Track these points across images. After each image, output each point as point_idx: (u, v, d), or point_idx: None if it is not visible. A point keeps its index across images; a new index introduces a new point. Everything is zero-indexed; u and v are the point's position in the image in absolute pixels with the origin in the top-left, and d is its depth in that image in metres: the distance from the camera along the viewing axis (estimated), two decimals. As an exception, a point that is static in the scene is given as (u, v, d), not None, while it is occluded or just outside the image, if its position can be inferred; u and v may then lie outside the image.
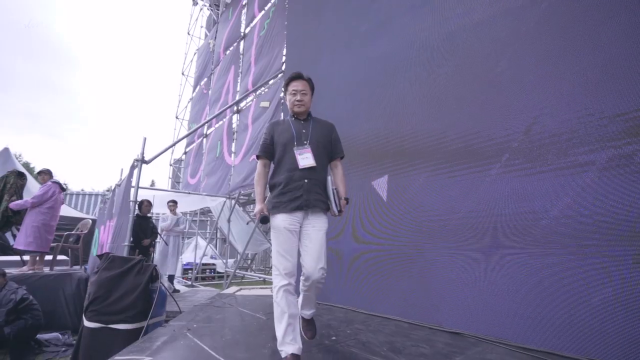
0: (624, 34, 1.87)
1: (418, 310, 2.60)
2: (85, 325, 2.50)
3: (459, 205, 2.50)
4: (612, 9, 1.94)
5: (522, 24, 2.34)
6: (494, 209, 2.29)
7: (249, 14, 7.53)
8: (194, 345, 1.98)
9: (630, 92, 1.81)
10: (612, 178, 1.83)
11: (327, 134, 1.99)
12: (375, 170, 3.22)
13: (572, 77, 2.04)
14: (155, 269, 2.72)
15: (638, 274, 1.68)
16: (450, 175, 2.59)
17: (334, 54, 4.07)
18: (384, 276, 2.93)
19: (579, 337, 1.82)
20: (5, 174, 4.68)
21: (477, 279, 2.30)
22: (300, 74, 1.96)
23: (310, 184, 1.81)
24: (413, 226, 2.79)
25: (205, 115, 8.88)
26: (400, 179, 2.97)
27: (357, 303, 3.08)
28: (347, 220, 3.37)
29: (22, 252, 4.63)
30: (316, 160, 1.84)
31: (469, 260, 2.36)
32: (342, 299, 3.23)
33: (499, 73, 2.42)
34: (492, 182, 2.33)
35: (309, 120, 1.98)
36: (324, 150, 1.93)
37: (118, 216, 3.97)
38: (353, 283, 3.18)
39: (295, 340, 1.67)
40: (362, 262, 3.14)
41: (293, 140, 1.87)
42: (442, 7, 2.90)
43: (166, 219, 5.85)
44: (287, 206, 1.77)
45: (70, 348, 3.66)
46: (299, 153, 1.83)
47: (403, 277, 2.77)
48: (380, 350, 1.93)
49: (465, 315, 2.32)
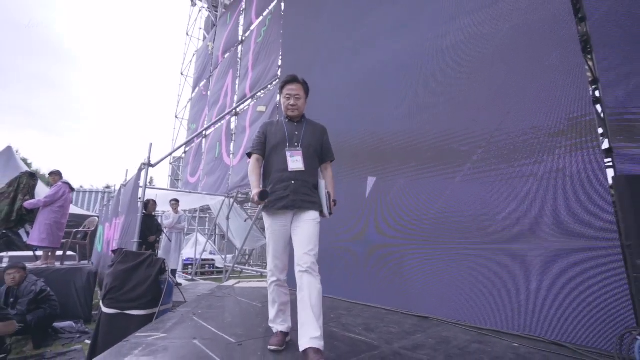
0: (558, 66, 2.24)
1: (393, 298, 2.98)
2: (104, 312, 2.86)
3: (429, 206, 2.87)
4: (550, 45, 2.30)
5: (482, 51, 2.70)
6: (457, 211, 2.67)
7: (246, 20, 7.84)
8: (200, 325, 2.34)
9: (559, 114, 2.19)
10: (547, 187, 2.21)
11: (318, 137, 2.04)
12: (361, 172, 3.58)
13: (517, 99, 2.41)
14: (163, 263, 3.08)
15: (564, 265, 2.06)
16: (420, 178, 2.96)
17: (325, 65, 4.42)
18: (365, 268, 3.30)
19: (519, 317, 2.20)
20: (18, 175, 4.99)
21: (442, 271, 2.67)
22: (295, 77, 2.03)
23: (298, 185, 1.86)
24: (395, 225, 3.16)
25: (205, 116, 9.20)
26: (382, 182, 3.33)
27: (342, 293, 3.45)
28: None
29: (35, 248, 4.96)
30: (306, 162, 1.91)
31: (436, 255, 2.74)
32: (329, 290, 3.61)
33: (461, 91, 2.78)
34: (460, 186, 2.70)
35: (302, 123, 2.04)
36: (315, 153, 2.00)
37: (126, 214, 4.32)
38: (340, 275, 3.55)
39: (285, 321, 1.94)
40: (349, 257, 3.52)
41: (285, 142, 1.93)
42: (418, 30, 3.25)
43: (169, 217, 6.21)
44: (274, 205, 1.85)
45: (84, 335, 4.03)
46: (289, 155, 1.90)
47: (381, 270, 3.15)
48: (356, 329, 2.31)
49: (433, 302, 2.70)
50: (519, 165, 2.37)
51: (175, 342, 1.95)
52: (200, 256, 8.47)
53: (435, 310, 2.66)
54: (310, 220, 1.84)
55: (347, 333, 2.21)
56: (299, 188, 1.86)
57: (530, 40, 2.43)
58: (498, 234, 2.40)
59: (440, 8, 3.11)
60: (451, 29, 2.98)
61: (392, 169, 3.26)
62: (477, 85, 2.71)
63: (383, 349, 1.91)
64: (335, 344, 1.96)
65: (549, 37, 2.32)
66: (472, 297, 2.46)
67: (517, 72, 2.47)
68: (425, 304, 2.75)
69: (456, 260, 2.61)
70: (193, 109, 10.87)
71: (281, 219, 1.89)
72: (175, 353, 1.78)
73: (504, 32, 2.60)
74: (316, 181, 1.97)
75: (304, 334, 1.62)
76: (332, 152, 2.13)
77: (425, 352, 1.85)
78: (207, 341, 1.97)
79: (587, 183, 2.06)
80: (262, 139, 2.02)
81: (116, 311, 2.82)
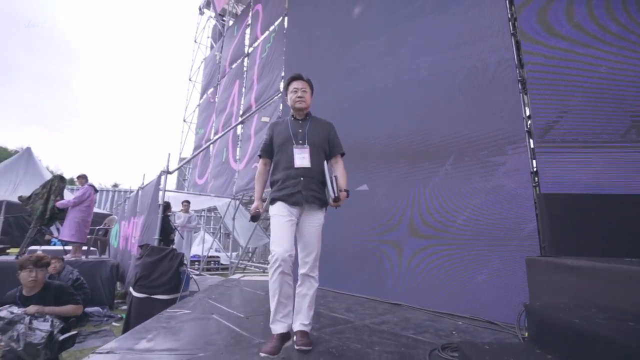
0: (504, 102, 2.83)
1: (373, 289, 3.57)
2: (134, 296, 3.48)
3: (403, 211, 3.46)
4: (496, 85, 2.89)
5: (447, 85, 3.28)
6: (428, 215, 3.26)
7: (252, 35, 8.45)
8: (215, 305, 2.95)
9: (502, 142, 2.77)
10: (491, 200, 2.79)
11: (324, 133, 2.07)
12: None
13: (474, 130, 3.00)
14: (183, 256, 3.69)
15: (501, 262, 2.64)
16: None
17: (324, 84, 5.00)
18: (354, 263, 3.90)
19: (467, 302, 2.78)
20: (50, 178, 5.65)
21: (414, 265, 3.26)
22: (300, 75, 2.09)
23: (307, 181, 1.92)
24: (375, 224, 3.75)
25: (212, 122, 9.83)
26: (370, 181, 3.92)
27: (331, 284, 4.04)
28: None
29: (65, 243, 5.60)
30: (312, 159, 1.94)
31: (408, 252, 3.33)
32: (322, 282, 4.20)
33: (436, 114, 3.37)
34: (429, 197, 3.29)
35: (307, 120, 2.08)
36: (321, 149, 2.03)
37: (147, 215, 4.95)
38: (333, 268, 4.14)
39: (286, 317, 1.82)
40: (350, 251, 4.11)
41: (290, 140, 1.98)
42: (399, 62, 3.84)
43: (180, 217, 6.84)
44: (286, 200, 1.90)
45: (110, 318, 4.67)
46: (297, 152, 1.94)
47: (366, 264, 3.74)
48: (339, 310, 2.90)
49: (404, 291, 3.28)
50: (472, 182, 2.95)
51: (199, 316, 2.56)
52: (207, 253, 9.09)
53: (406, 299, 3.25)
54: (316, 226, 1.93)
55: (331, 313, 2.81)
56: (308, 184, 1.92)
57: (483, 78, 3.01)
58: (456, 236, 2.99)
59: (417, 45, 3.69)
60: (425, 64, 3.57)
61: (375, 174, 3.85)
62: (443, 112, 3.29)
63: (356, 323, 2.50)
64: (320, 319, 2.56)
65: (498, 77, 2.90)
66: (434, 288, 3.05)
67: (472, 106, 3.05)
68: (399, 294, 3.33)
69: (422, 256, 3.19)
70: (201, 114, 11.49)
71: (292, 210, 1.90)
72: (201, 322, 2.39)
73: (465, 71, 3.18)
74: (323, 177, 1.97)
75: (297, 320, 1.87)
76: (340, 146, 2.13)
77: (388, 326, 2.44)
78: (222, 316, 2.58)
79: (520, 198, 2.64)
80: (268, 141, 2.09)
81: (145, 295, 3.44)
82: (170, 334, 2.10)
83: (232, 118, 8.34)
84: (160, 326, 2.26)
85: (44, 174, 11.32)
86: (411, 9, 3.84)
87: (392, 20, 4.06)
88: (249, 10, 8.94)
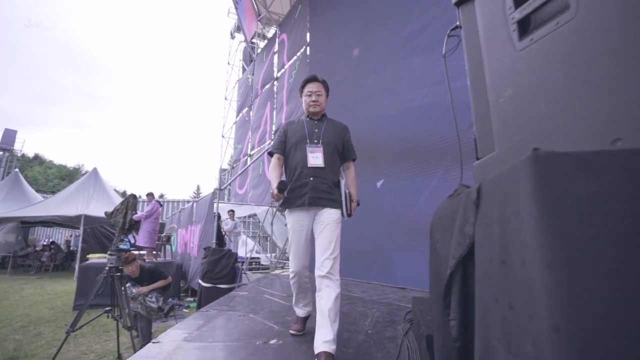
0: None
1: (385, 276, 4.47)
2: (203, 285, 4.63)
3: (403, 212, 4.34)
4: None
5: (436, 112, 4.13)
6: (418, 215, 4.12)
7: (279, 61, 9.58)
8: (264, 290, 4.01)
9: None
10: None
11: (339, 135, 2.03)
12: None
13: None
14: (237, 256, 4.81)
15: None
16: (403, 199, 4.43)
17: (340, 109, 5.97)
18: (369, 256, 4.82)
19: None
20: (127, 197, 7.08)
21: (415, 257, 4.13)
22: (315, 76, 2.04)
23: (317, 182, 1.86)
24: (375, 225, 4.65)
25: (248, 138, 11.10)
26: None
27: (353, 275, 4.97)
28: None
29: (141, 248, 7.01)
30: (326, 159, 1.89)
31: (407, 248, 4.20)
32: (345, 274, 5.16)
33: (432, 139, 4.23)
34: (427, 199, 4.15)
35: (323, 121, 2.04)
36: (335, 150, 1.98)
37: (204, 223, 6.17)
38: (355, 260, 5.08)
39: (306, 305, 2.11)
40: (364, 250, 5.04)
41: (305, 139, 1.94)
42: (399, 93, 4.72)
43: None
44: (293, 202, 1.87)
45: (181, 306, 5.92)
46: (310, 151, 1.89)
47: (379, 257, 4.65)
48: (355, 291, 3.85)
49: (409, 277, 4.16)
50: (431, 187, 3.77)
51: (255, 295, 3.63)
52: (249, 254, 10.33)
53: (409, 284, 4.12)
54: (331, 222, 1.82)
55: (348, 293, 3.77)
56: (317, 185, 1.85)
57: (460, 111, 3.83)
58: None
59: (413, 80, 4.55)
60: (419, 95, 4.43)
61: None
62: (434, 136, 4.14)
63: (365, 298, 3.44)
64: (340, 297, 3.52)
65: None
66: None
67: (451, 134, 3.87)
68: (405, 280, 4.22)
69: (418, 250, 4.05)
70: (238, 131, 12.84)
71: (301, 219, 1.88)
72: (255, 299, 3.45)
73: (448, 103, 4.01)
74: (337, 179, 1.94)
75: (319, 338, 1.64)
76: (353, 151, 2.11)
77: (388, 299, 3.36)
78: (270, 295, 3.63)
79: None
80: (283, 138, 2.04)
81: (211, 285, 4.58)
82: (237, 305, 3.17)
83: (266, 135, 9.51)
84: (227, 302, 3.34)
85: (109, 191, 13.24)
86: (408, 49, 4.71)
87: (393, 58, 4.95)
88: (276, 38, 10.11)
